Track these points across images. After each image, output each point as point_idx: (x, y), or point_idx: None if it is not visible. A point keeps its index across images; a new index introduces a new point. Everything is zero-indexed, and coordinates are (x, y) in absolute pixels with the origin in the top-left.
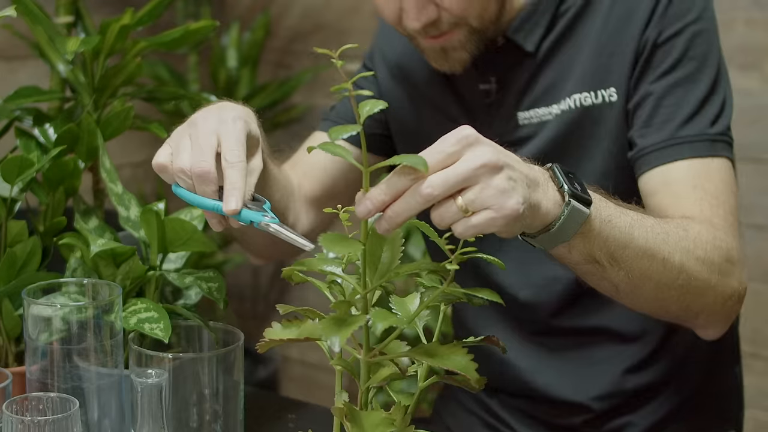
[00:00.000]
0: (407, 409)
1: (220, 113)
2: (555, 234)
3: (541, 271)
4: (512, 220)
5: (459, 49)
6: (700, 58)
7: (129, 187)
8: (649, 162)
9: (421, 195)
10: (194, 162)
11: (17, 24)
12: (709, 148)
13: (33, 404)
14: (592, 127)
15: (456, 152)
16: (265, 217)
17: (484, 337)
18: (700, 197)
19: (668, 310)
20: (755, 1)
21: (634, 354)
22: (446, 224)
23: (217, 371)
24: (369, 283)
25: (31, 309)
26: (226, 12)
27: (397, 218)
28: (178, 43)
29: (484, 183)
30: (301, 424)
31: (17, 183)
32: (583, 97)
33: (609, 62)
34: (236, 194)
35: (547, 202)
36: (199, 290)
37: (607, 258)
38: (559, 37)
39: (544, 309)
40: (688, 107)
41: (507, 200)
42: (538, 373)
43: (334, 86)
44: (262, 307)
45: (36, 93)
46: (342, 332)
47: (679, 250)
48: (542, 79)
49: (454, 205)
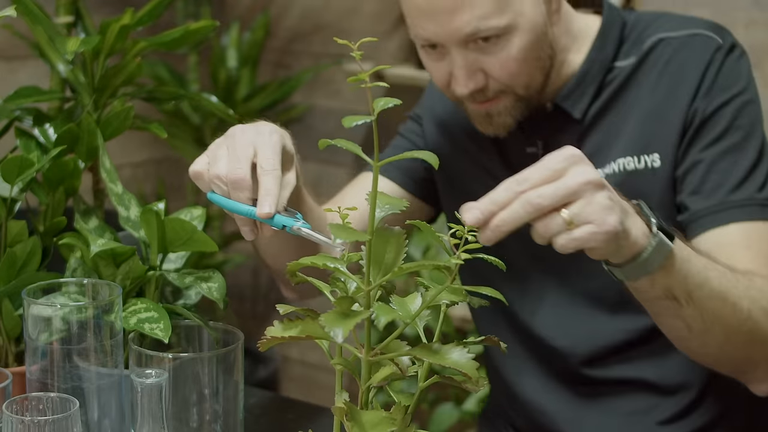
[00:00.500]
0: (407, 409)
1: (258, 127)
2: (641, 264)
3: (580, 320)
4: (612, 236)
5: (504, 114)
6: (747, 128)
7: (129, 187)
8: (702, 225)
9: (531, 204)
10: (230, 169)
11: (17, 24)
12: (760, 212)
13: (33, 404)
14: (635, 192)
15: (562, 169)
16: (297, 221)
17: (485, 338)
18: (754, 257)
19: (732, 356)
20: (755, 1)
21: (671, 406)
22: (550, 236)
23: (217, 371)
24: (372, 281)
25: (31, 309)
26: (226, 12)
27: (503, 227)
28: (178, 43)
29: (588, 198)
30: (301, 424)
31: (17, 183)
32: (627, 161)
33: (654, 129)
34: (270, 199)
35: (636, 231)
36: (199, 290)
37: (684, 295)
38: (606, 105)
39: (579, 358)
40: (737, 174)
41: (608, 216)
42: (571, 420)
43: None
44: (262, 307)
45: (36, 93)
46: (345, 324)
47: (747, 297)
48: (588, 145)
49: (559, 217)
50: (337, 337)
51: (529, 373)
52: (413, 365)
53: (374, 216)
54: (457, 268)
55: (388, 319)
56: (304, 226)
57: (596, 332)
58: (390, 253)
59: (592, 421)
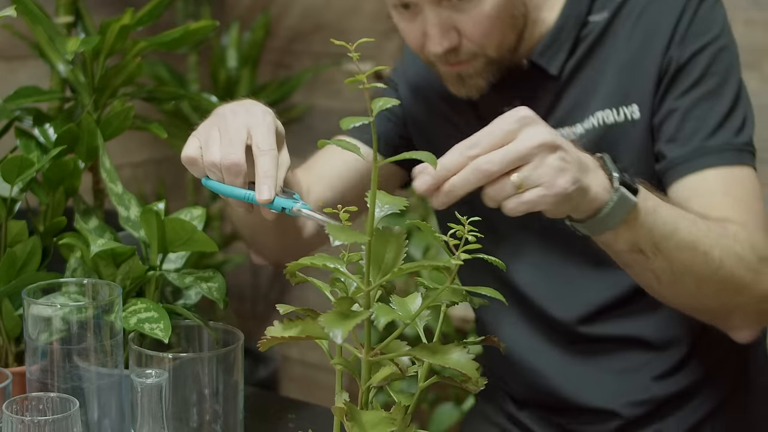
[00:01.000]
0: (407, 409)
1: (248, 108)
2: (602, 219)
3: (568, 279)
4: (562, 198)
5: (475, 77)
6: (722, 74)
7: (129, 187)
8: (679, 173)
9: (480, 170)
10: (224, 154)
11: (17, 24)
12: (735, 157)
13: (33, 404)
14: (616, 144)
15: (513, 131)
16: (296, 203)
17: (485, 338)
18: (731, 203)
19: (705, 305)
20: (755, 1)
21: (663, 362)
22: (499, 201)
23: (217, 371)
24: (372, 281)
25: (31, 309)
26: (226, 12)
27: (454, 191)
28: (178, 43)
29: (538, 161)
30: (301, 424)
31: (17, 183)
32: (606, 115)
33: (631, 80)
34: (269, 182)
35: (597, 187)
36: (199, 290)
37: (651, 248)
38: (582, 59)
39: (571, 317)
40: (713, 119)
41: (558, 178)
42: (566, 381)
43: (348, 79)
44: (262, 307)
45: (36, 93)
46: (345, 325)
47: (719, 245)
48: (566, 100)
49: (509, 182)
50: (337, 337)
51: (522, 335)
52: (413, 365)
53: (374, 216)
54: (456, 269)
55: (388, 319)
56: (303, 207)
57: (586, 290)
58: (390, 254)
59: (587, 379)
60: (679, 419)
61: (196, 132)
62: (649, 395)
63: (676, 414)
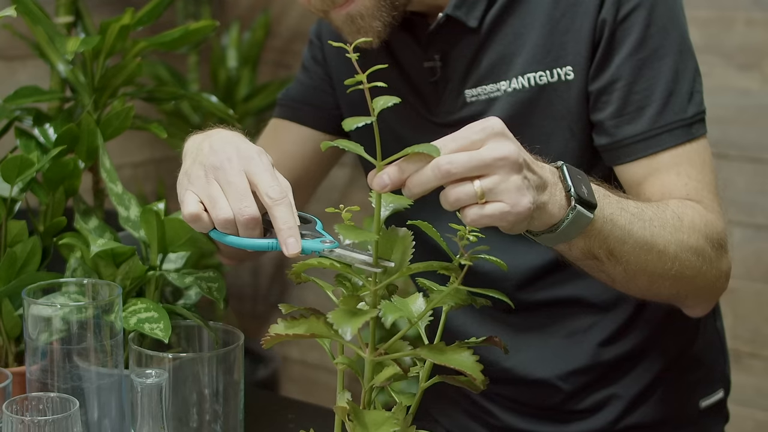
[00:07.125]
0: (408, 409)
1: (238, 148)
2: (557, 235)
3: (505, 245)
4: (522, 218)
5: (367, 17)
6: (662, 31)
7: (129, 187)
8: (631, 154)
9: (440, 169)
10: (237, 210)
11: (17, 24)
12: (687, 133)
13: (33, 404)
14: (548, 106)
15: (480, 140)
16: (324, 243)
17: (486, 338)
18: (685, 183)
19: (659, 296)
20: (755, 1)
21: (609, 324)
22: (459, 205)
23: (217, 371)
24: (379, 281)
25: (31, 309)
26: (226, 12)
27: (413, 189)
28: (178, 43)
29: (503, 176)
30: (301, 424)
31: (17, 183)
32: (538, 75)
33: (563, 40)
34: (293, 233)
35: (553, 206)
36: (199, 290)
37: (605, 254)
38: (504, 10)
39: (511, 283)
40: (661, 88)
41: (522, 198)
42: (511, 353)
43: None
44: (262, 307)
45: (36, 93)
46: (354, 322)
47: (675, 241)
48: (488, 55)
49: (471, 187)
50: (346, 334)
51: (462, 307)
52: (415, 366)
53: (380, 215)
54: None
55: (395, 317)
56: (333, 246)
57: (523, 254)
58: (396, 254)
59: (532, 346)
60: (632, 381)
61: (187, 185)
62: (596, 360)
63: (628, 377)
